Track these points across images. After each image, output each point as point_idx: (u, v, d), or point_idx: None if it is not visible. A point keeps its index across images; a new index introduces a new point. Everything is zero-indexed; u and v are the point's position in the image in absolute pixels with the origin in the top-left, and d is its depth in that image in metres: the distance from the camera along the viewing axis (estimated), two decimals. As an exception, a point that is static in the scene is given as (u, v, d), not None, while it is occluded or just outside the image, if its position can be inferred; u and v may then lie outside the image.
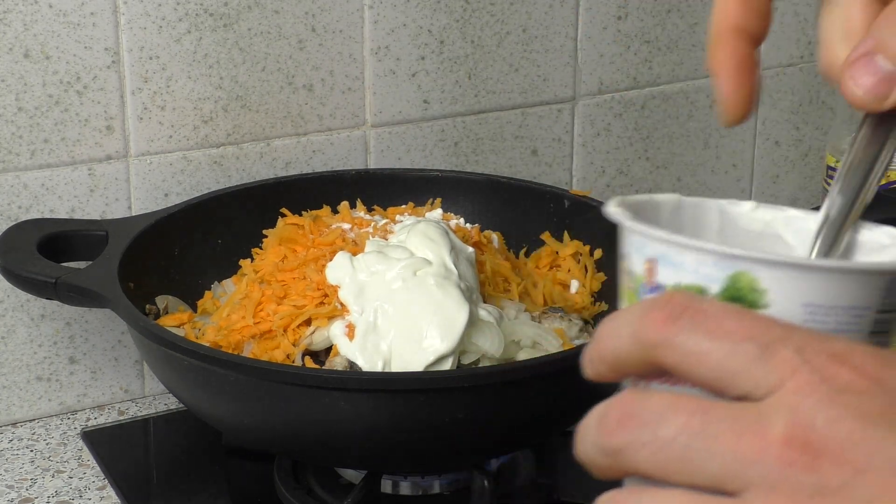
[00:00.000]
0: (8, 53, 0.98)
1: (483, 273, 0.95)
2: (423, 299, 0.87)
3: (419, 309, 0.87)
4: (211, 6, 1.04)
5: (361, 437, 0.81)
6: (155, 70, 1.04)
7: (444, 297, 0.87)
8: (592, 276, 1.01)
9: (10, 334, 1.04)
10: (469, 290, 0.90)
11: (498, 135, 1.18)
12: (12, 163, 1.01)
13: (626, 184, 1.26)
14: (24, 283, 0.92)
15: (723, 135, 1.29)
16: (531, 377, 0.82)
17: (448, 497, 0.92)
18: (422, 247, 0.91)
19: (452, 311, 0.86)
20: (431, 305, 0.87)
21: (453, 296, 0.87)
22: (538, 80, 1.18)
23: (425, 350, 0.86)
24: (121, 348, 1.08)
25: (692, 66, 1.26)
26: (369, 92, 1.12)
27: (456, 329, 0.86)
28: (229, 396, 0.83)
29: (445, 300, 0.87)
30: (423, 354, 0.86)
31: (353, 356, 0.87)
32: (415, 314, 0.87)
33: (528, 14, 1.16)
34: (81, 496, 0.96)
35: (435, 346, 0.86)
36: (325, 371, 0.85)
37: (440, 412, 0.80)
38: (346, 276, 0.90)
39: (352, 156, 1.12)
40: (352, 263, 0.91)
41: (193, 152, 1.07)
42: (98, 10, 1.00)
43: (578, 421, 0.95)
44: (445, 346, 0.86)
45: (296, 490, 0.92)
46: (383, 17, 1.11)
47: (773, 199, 1.34)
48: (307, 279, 0.92)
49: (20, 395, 1.05)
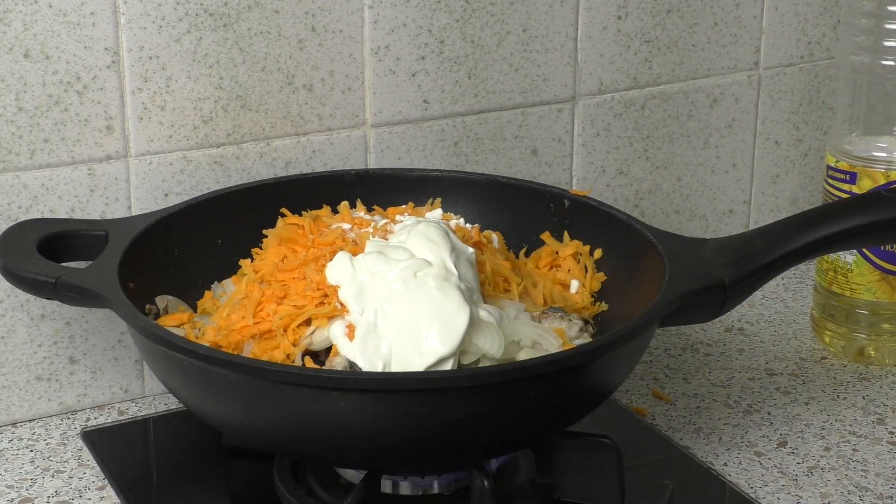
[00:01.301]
0: (8, 53, 0.98)
1: (483, 273, 0.95)
2: (424, 301, 0.87)
3: (420, 311, 0.87)
4: (211, 6, 1.04)
5: (361, 437, 0.81)
6: (155, 70, 1.04)
7: (444, 299, 0.87)
8: (592, 275, 1.01)
9: (10, 334, 1.04)
10: (469, 291, 0.90)
11: (498, 135, 1.18)
12: (12, 163, 1.01)
13: (626, 184, 1.26)
14: (24, 283, 0.92)
15: (723, 135, 1.29)
16: (531, 377, 0.82)
17: (448, 497, 0.92)
18: (422, 248, 0.91)
19: (453, 313, 0.86)
20: (432, 307, 0.87)
21: (454, 298, 0.87)
22: (538, 80, 1.18)
23: (425, 352, 0.86)
24: (121, 348, 1.08)
25: (692, 66, 1.26)
26: (369, 92, 1.12)
27: (456, 332, 0.86)
28: (229, 396, 0.83)
29: (446, 302, 0.87)
30: (424, 357, 0.86)
31: (353, 356, 0.88)
32: (415, 316, 0.87)
33: (528, 14, 1.16)
34: (81, 496, 0.96)
35: (435, 348, 0.86)
36: (325, 371, 0.85)
37: (440, 412, 0.80)
38: (346, 276, 0.90)
39: (352, 156, 1.12)
40: (352, 264, 0.91)
41: (193, 152, 1.07)
42: (98, 10, 1.00)
43: (578, 421, 0.96)
44: (446, 349, 0.86)
45: (296, 490, 0.92)
46: (383, 17, 1.11)
47: (772, 198, 1.34)
48: (307, 279, 0.92)
49: (20, 395, 1.05)
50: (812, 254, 0.95)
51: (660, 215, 1.29)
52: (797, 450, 1.02)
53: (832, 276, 1.15)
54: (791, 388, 1.11)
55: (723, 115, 1.29)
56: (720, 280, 0.91)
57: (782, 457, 1.01)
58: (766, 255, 0.93)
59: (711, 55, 1.26)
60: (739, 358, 1.16)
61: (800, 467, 1.00)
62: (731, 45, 1.27)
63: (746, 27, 1.27)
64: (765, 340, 1.20)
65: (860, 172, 1.11)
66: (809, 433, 1.05)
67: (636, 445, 1.01)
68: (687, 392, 1.11)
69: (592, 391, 0.88)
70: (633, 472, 0.95)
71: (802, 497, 0.96)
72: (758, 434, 1.04)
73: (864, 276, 1.13)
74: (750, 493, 0.97)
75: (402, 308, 0.87)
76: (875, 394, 1.11)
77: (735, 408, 1.08)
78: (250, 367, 0.82)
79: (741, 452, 1.02)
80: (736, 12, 1.26)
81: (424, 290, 0.87)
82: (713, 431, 1.05)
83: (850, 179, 1.11)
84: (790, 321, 1.23)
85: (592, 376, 0.86)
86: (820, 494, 0.97)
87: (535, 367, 0.83)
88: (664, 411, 1.08)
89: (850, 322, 1.15)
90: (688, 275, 0.91)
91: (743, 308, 1.24)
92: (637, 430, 1.04)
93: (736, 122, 1.30)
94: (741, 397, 1.10)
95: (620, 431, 1.02)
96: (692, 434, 1.04)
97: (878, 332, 1.15)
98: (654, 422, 1.06)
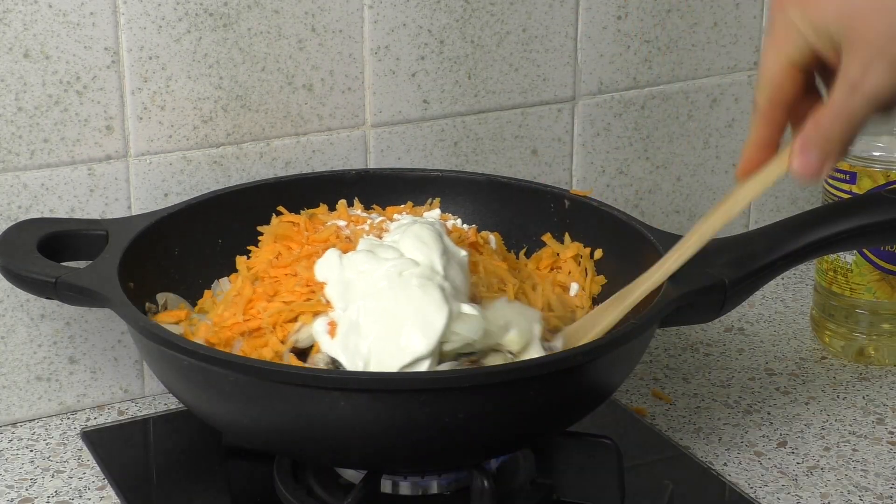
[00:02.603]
0: (8, 53, 0.98)
1: (476, 273, 0.95)
2: (405, 300, 0.87)
3: (400, 309, 0.86)
4: (211, 6, 1.04)
5: (361, 437, 0.81)
6: (155, 70, 1.04)
7: (424, 298, 0.86)
8: (593, 278, 1.01)
9: (10, 334, 1.04)
10: (456, 292, 0.89)
11: (498, 135, 1.18)
12: (12, 163, 1.01)
13: (626, 184, 1.26)
14: (24, 283, 0.92)
15: (723, 135, 1.29)
16: (531, 377, 0.82)
17: (448, 497, 0.92)
18: (413, 248, 0.90)
19: (432, 312, 0.86)
20: (411, 306, 0.86)
21: (434, 297, 0.87)
22: (538, 80, 1.18)
23: (403, 350, 0.85)
24: (120, 348, 1.08)
25: (692, 66, 1.26)
26: (369, 92, 1.12)
27: (434, 331, 0.85)
28: (229, 396, 0.83)
29: (426, 301, 0.86)
30: (401, 355, 0.85)
31: (334, 353, 0.87)
32: (395, 314, 0.86)
33: (528, 14, 1.16)
34: (81, 496, 0.96)
35: (412, 347, 0.85)
36: (325, 371, 0.85)
37: (440, 412, 0.80)
38: (334, 273, 0.90)
39: (352, 156, 1.12)
40: (340, 261, 0.91)
41: (193, 152, 1.07)
42: (98, 10, 1.00)
43: (578, 421, 0.96)
44: (422, 349, 0.85)
45: (296, 490, 0.92)
46: (383, 17, 1.11)
47: (772, 198, 1.34)
48: (298, 276, 0.92)
49: (20, 395, 1.05)
50: (812, 254, 0.95)
51: (660, 215, 1.29)
52: (797, 450, 1.02)
53: (832, 276, 1.15)
54: (791, 388, 1.11)
55: (723, 115, 1.29)
56: (720, 280, 0.91)
57: (782, 457, 1.01)
58: (767, 255, 0.93)
59: (711, 55, 1.26)
60: (739, 358, 1.16)
61: (800, 467, 1.00)
62: (731, 45, 1.27)
63: (746, 27, 1.27)
64: (765, 340, 1.20)
65: (860, 172, 1.11)
66: (809, 433, 1.05)
67: (636, 445, 1.01)
68: (687, 392, 1.11)
69: (592, 391, 0.88)
70: (633, 472, 0.95)
71: (802, 497, 0.96)
72: (758, 434, 1.04)
73: (864, 276, 1.13)
74: (750, 493, 0.97)
75: (383, 306, 0.87)
76: (875, 394, 1.11)
77: (735, 408, 1.08)
78: (250, 367, 0.82)
79: (741, 452, 1.02)
80: (736, 12, 1.26)
81: (407, 289, 0.87)
82: (713, 431, 1.05)
83: (849, 179, 1.11)
84: (790, 321, 1.23)
85: (592, 376, 0.86)
86: (820, 494, 0.97)
87: (535, 367, 0.83)
88: (664, 411, 1.08)
89: (850, 322, 1.15)
90: (688, 275, 0.91)
91: (743, 308, 1.24)
92: (637, 430, 1.04)
93: (736, 122, 1.30)
94: (741, 397, 1.10)
95: (620, 431, 1.02)
96: (692, 434, 1.04)
97: (878, 332, 1.15)
98: (654, 422, 1.06)
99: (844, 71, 0.74)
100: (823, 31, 0.74)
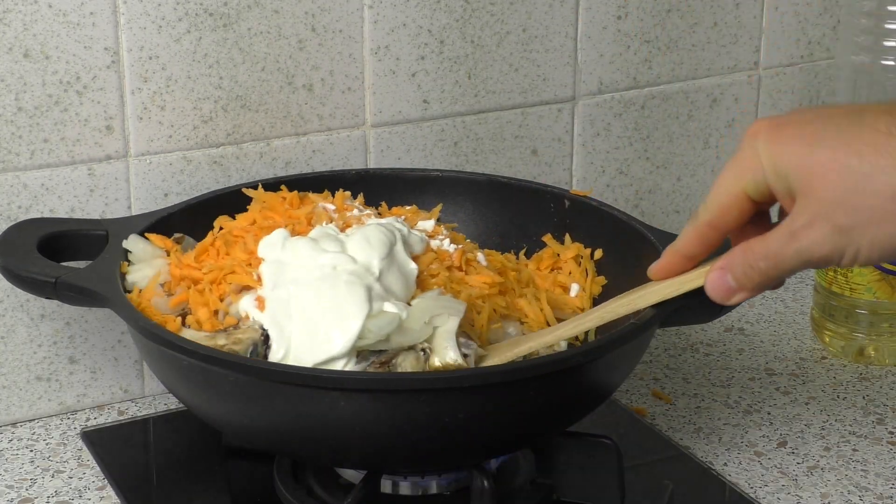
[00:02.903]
0: (8, 53, 0.98)
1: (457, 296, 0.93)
2: (330, 294, 0.87)
3: (323, 304, 0.86)
4: (211, 6, 1.04)
5: (361, 437, 0.81)
6: (155, 70, 1.04)
7: (348, 296, 0.86)
8: (593, 279, 1.01)
9: (10, 334, 1.04)
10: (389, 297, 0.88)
11: (498, 135, 1.18)
12: (12, 163, 1.01)
13: (626, 184, 1.26)
14: (24, 283, 0.92)
15: (723, 135, 1.30)
16: (531, 377, 0.82)
17: (448, 497, 0.92)
18: (357, 247, 0.90)
19: (350, 313, 0.85)
20: (333, 303, 0.86)
21: (357, 295, 0.86)
22: (538, 80, 1.18)
23: (319, 347, 0.85)
24: (120, 348, 1.08)
25: (692, 66, 1.26)
26: (369, 92, 1.12)
27: (349, 333, 0.85)
28: (229, 396, 0.83)
29: (347, 301, 0.86)
30: (318, 351, 0.85)
31: (265, 323, 0.88)
32: (319, 308, 0.86)
33: (528, 14, 1.16)
34: (81, 496, 0.96)
35: (328, 346, 0.85)
36: (325, 371, 0.85)
37: (440, 412, 0.80)
38: (274, 252, 0.91)
39: (352, 156, 1.12)
40: (283, 242, 0.91)
41: (193, 152, 1.07)
42: (98, 10, 1.00)
43: (578, 421, 0.95)
44: (337, 349, 0.85)
45: (296, 490, 0.92)
46: (383, 17, 1.11)
47: (773, 199, 1.34)
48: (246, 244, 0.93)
49: (20, 395, 1.05)
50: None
51: (660, 215, 1.29)
52: (797, 450, 1.02)
53: (832, 276, 1.15)
54: (791, 388, 1.11)
55: (723, 115, 1.29)
56: (720, 280, 0.91)
57: (782, 457, 1.01)
58: (766, 255, 0.93)
59: (711, 55, 1.27)
60: (739, 358, 1.16)
61: (800, 467, 1.00)
62: (730, 45, 1.27)
63: (746, 27, 1.27)
64: (765, 340, 1.20)
65: (860, 172, 1.11)
66: (809, 433, 1.05)
67: (636, 445, 1.01)
68: (687, 392, 1.11)
69: (592, 391, 0.88)
70: (633, 472, 0.95)
71: (802, 497, 0.96)
72: (758, 434, 1.04)
73: (863, 276, 1.13)
74: (750, 493, 0.97)
75: (310, 297, 0.87)
76: (875, 394, 1.11)
77: (735, 408, 1.08)
78: (250, 367, 0.82)
79: (741, 452, 1.02)
80: (736, 12, 1.26)
81: (335, 284, 0.87)
82: (713, 431, 1.05)
83: (850, 179, 1.11)
84: (790, 321, 1.23)
85: (592, 376, 0.86)
86: (820, 494, 0.97)
87: (534, 367, 0.83)
88: (664, 411, 1.08)
89: (850, 322, 1.15)
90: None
91: (743, 308, 1.24)
92: (637, 430, 1.04)
93: (736, 122, 1.30)
94: (741, 397, 1.10)
95: (620, 431, 1.02)
96: (692, 434, 1.04)
97: (878, 332, 1.15)
98: (654, 422, 1.06)
99: (791, 218, 0.74)
100: (783, 175, 0.74)
